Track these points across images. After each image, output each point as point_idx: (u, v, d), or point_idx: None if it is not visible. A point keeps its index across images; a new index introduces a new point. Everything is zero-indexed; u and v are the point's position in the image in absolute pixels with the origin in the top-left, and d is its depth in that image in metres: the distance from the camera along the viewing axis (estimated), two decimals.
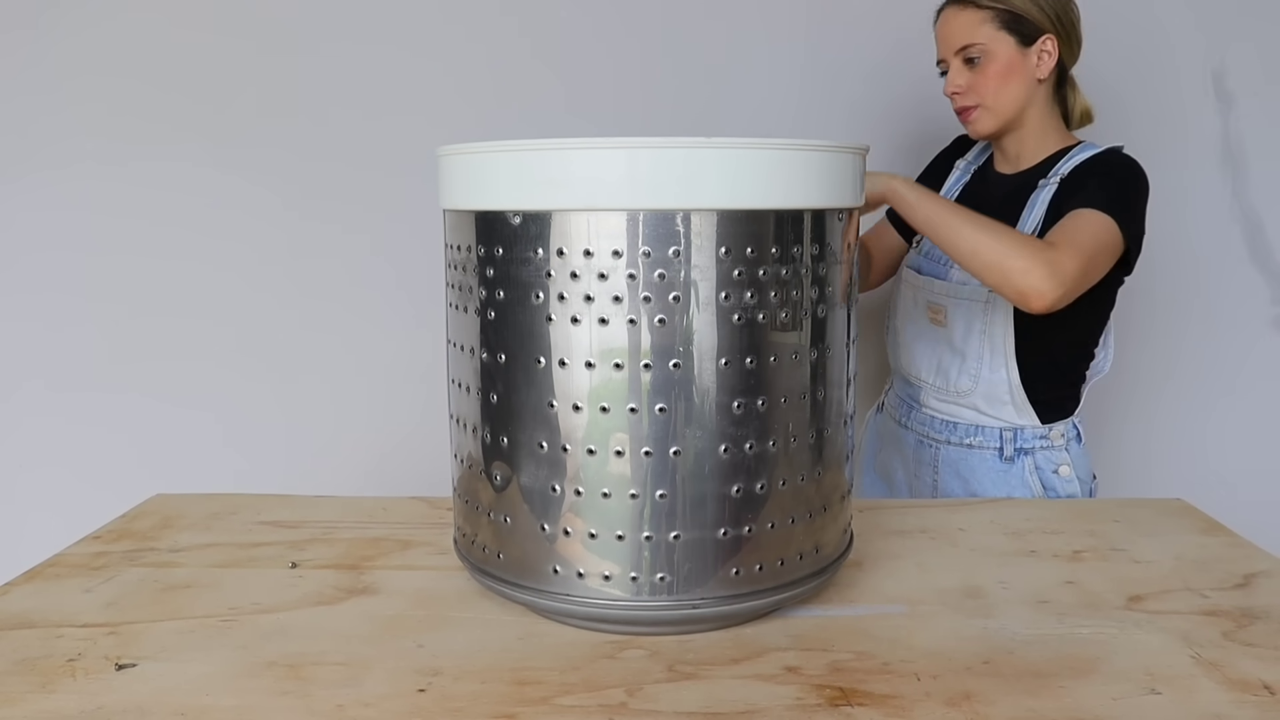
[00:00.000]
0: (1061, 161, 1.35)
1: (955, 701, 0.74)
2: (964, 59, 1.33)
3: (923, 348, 1.45)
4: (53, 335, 1.86)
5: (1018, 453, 1.38)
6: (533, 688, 0.76)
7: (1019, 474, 1.38)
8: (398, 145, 1.79)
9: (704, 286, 0.77)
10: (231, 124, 1.80)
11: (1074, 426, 1.41)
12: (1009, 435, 1.38)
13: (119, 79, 1.78)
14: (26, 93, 1.79)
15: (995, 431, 1.39)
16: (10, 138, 1.80)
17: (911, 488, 1.49)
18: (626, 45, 1.78)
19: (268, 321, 1.86)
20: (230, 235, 1.83)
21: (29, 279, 1.84)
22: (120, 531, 1.11)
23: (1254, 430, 1.87)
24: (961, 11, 1.32)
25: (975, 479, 1.40)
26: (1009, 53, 1.31)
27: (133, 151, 1.80)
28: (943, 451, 1.43)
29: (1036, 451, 1.38)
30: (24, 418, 1.88)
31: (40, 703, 0.74)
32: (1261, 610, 0.89)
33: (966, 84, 1.33)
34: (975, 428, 1.40)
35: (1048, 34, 1.31)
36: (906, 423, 1.49)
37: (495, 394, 0.83)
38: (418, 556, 1.03)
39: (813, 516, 0.86)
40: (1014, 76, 1.32)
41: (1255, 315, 1.84)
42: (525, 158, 0.78)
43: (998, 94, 1.32)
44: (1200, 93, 1.78)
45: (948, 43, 1.34)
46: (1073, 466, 1.39)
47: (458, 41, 1.78)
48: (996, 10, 1.30)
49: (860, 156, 0.87)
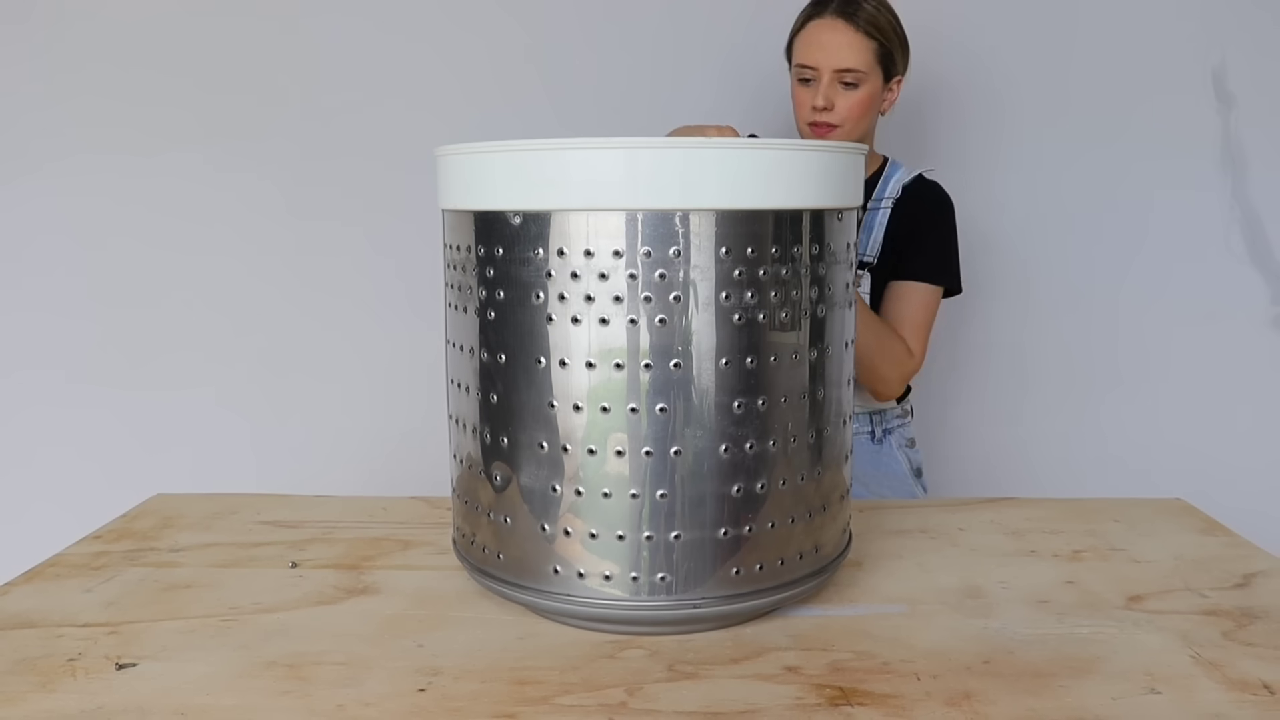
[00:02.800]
0: (881, 184, 1.45)
1: (955, 701, 0.74)
2: (841, 81, 1.35)
3: None
4: (53, 333, 1.86)
5: (885, 433, 1.51)
6: (533, 687, 0.76)
7: (889, 451, 1.51)
8: (401, 144, 1.79)
9: (704, 286, 0.78)
10: (232, 124, 1.80)
11: (909, 403, 1.56)
12: (876, 418, 1.50)
13: (118, 79, 1.78)
14: (25, 87, 1.78)
15: (865, 418, 1.50)
16: (11, 132, 1.80)
17: None
18: (627, 45, 1.78)
19: (269, 321, 1.86)
20: (230, 234, 1.83)
21: (30, 275, 1.84)
22: (120, 531, 1.11)
23: (1254, 430, 1.87)
24: (851, 31, 1.34)
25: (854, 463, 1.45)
26: (875, 85, 1.37)
27: (134, 150, 1.80)
28: None
29: (896, 430, 1.52)
30: (24, 415, 1.88)
31: (40, 702, 0.74)
32: (1261, 610, 0.89)
33: (836, 104, 1.36)
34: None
35: (900, 76, 1.41)
36: None
37: (495, 394, 0.83)
38: (418, 556, 1.03)
39: (812, 516, 0.86)
40: (873, 108, 1.39)
41: (1255, 315, 1.84)
42: (525, 158, 0.78)
43: (858, 122, 1.38)
44: (1200, 93, 1.78)
45: (828, 57, 1.35)
46: (914, 437, 1.55)
47: (461, 39, 1.78)
48: (879, 43, 1.35)
49: (859, 156, 0.87)
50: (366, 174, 1.81)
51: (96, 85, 1.79)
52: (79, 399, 1.87)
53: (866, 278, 1.44)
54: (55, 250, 1.84)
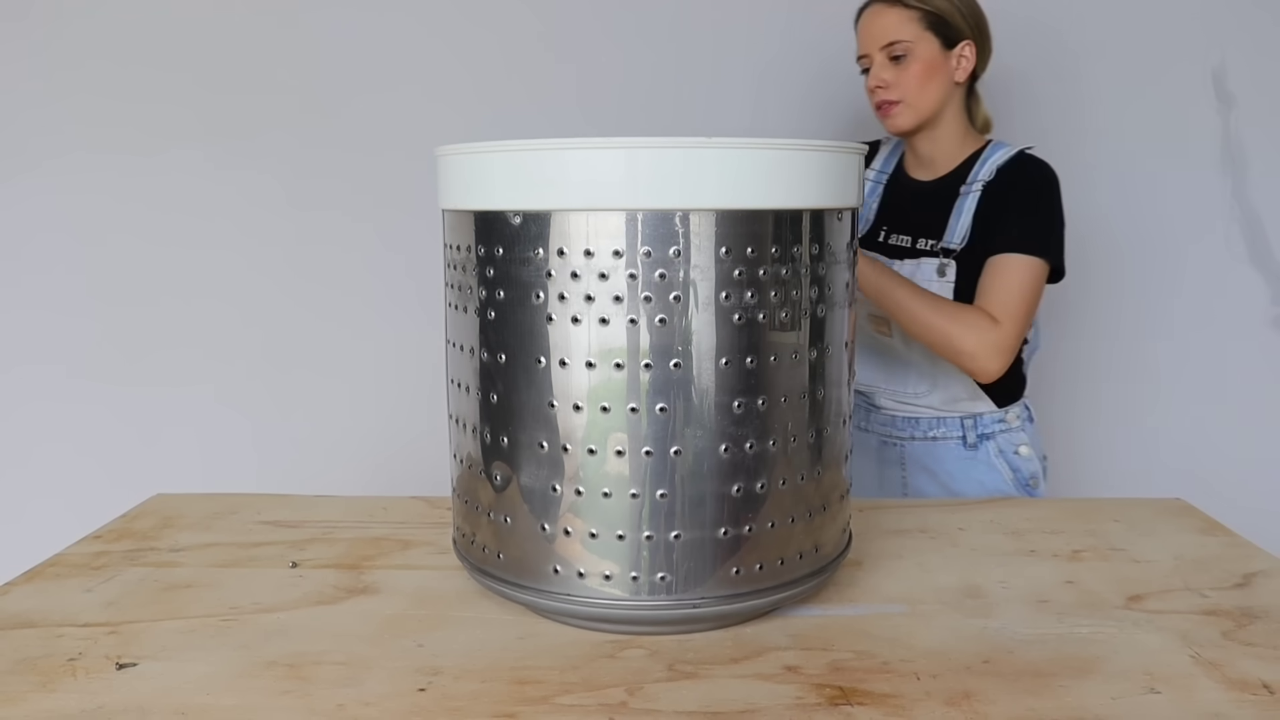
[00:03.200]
0: (977, 166, 1.39)
1: (955, 701, 0.74)
2: (889, 55, 1.35)
3: (871, 357, 1.48)
4: (53, 332, 1.86)
5: (980, 438, 1.42)
6: (533, 687, 0.76)
7: (985, 458, 1.42)
8: (407, 139, 1.79)
9: (704, 286, 0.78)
10: (232, 121, 1.80)
11: (1025, 408, 1.45)
12: (969, 423, 1.42)
13: (119, 77, 1.78)
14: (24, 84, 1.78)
15: (956, 421, 1.43)
16: (10, 129, 1.80)
17: (881, 487, 1.51)
18: (627, 45, 1.78)
19: (269, 319, 1.86)
20: (230, 231, 1.83)
21: (30, 273, 1.84)
22: (121, 531, 1.11)
23: (1254, 430, 1.87)
24: (889, 9, 1.35)
25: (943, 470, 1.43)
26: (932, 52, 1.34)
27: (134, 148, 1.80)
28: (908, 448, 1.46)
29: (998, 435, 1.43)
30: (23, 414, 1.88)
31: (41, 702, 0.74)
32: (1261, 610, 0.89)
33: (891, 79, 1.35)
34: (937, 420, 1.43)
35: (967, 40, 1.35)
36: (865, 426, 1.51)
37: (495, 394, 0.83)
38: (418, 556, 1.03)
39: (812, 516, 0.86)
40: (936, 76, 1.35)
41: (1255, 315, 1.84)
42: (525, 158, 0.79)
43: (920, 91, 1.35)
44: (1200, 93, 1.78)
45: (873, 39, 1.36)
46: (1030, 445, 1.44)
47: (464, 38, 1.78)
48: (923, 11, 1.33)
49: (860, 156, 0.87)
50: (369, 170, 1.81)
51: (95, 82, 1.79)
52: (78, 399, 1.87)
53: (952, 266, 1.37)
54: (54, 248, 1.84)
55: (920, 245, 1.40)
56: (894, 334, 1.42)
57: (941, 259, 1.37)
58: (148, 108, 1.79)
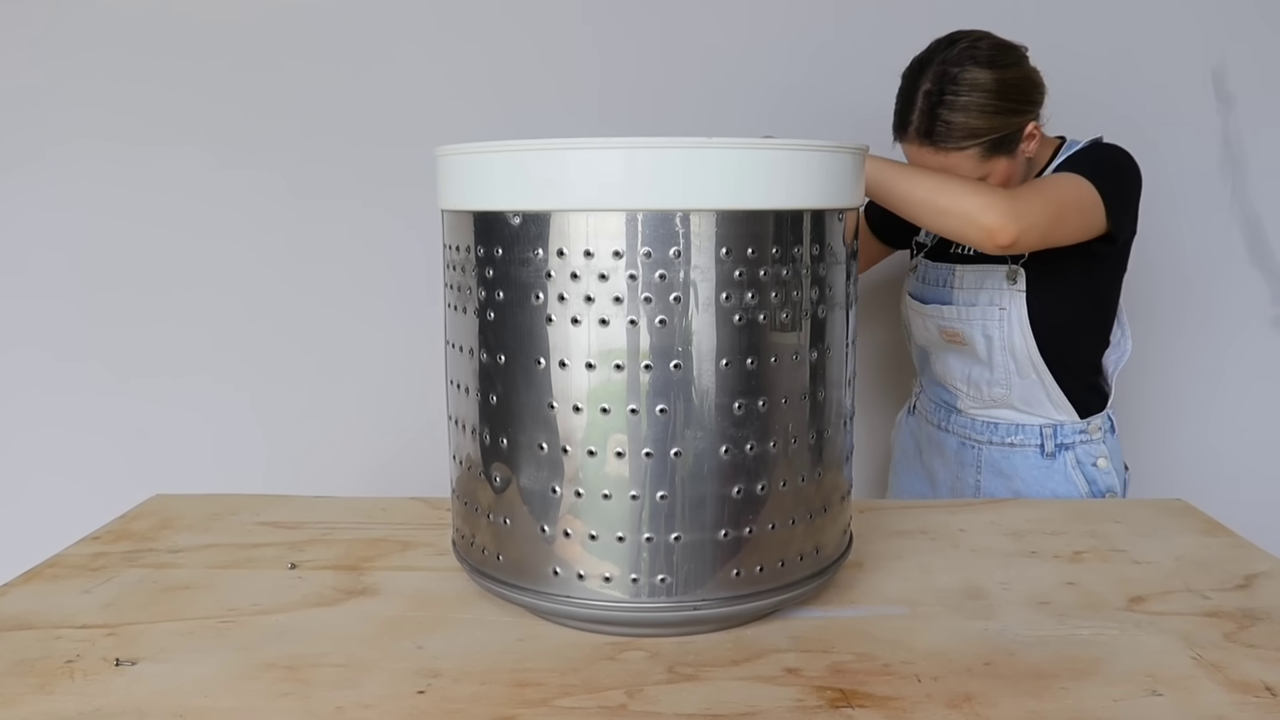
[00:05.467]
0: (1048, 167, 1.35)
1: (956, 703, 0.73)
2: None
3: (950, 361, 1.45)
4: (53, 331, 1.85)
5: (1059, 448, 1.39)
6: (532, 689, 0.76)
7: (1061, 469, 1.39)
8: (404, 144, 1.79)
9: (704, 287, 0.77)
10: (236, 121, 1.79)
11: (1108, 418, 1.42)
12: (1049, 432, 1.39)
13: (119, 77, 1.78)
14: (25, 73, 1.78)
15: (1035, 429, 1.40)
16: (11, 117, 1.79)
17: (954, 488, 1.49)
18: (627, 45, 1.78)
19: (269, 320, 1.86)
20: (233, 238, 1.83)
21: (30, 268, 1.84)
22: (119, 532, 1.10)
23: (1254, 430, 1.87)
24: (943, 155, 1.24)
25: (1018, 477, 1.41)
26: (1001, 166, 1.26)
27: (132, 156, 1.80)
28: (985, 452, 1.44)
29: (1077, 446, 1.39)
30: (23, 413, 1.88)
31: (39, 704, 0.74)
32: (1263, 611, 0.89)
33: None
34: (1015, 427, 1.41)
35: (1033, 123, 1.27)
36: (946, 426, 1.49)
37: (495, 395, 0.83)
38: (417, 557, 1.03)
39: (813, 517, 0.85)
40: (1014, 174, 1.29)
41: (1255, 315, 1.84)
42: (524, 158, 0.78)
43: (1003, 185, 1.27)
44: (1200, 93, 1.78)
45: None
46: (1110, 458, 1.40)
47: (463, 38, 1.77)
48: (979, 142, 1.22)
49: (860, 156, 0.87)
50: (374, 171, 1.80)
51: (97, 93, 1.78)
52: (78, 399, 1.87)
53: (1021, 274, 1.31)
54: (54, 246, 1.83)
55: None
56: (968, 343, 1.38)
57: (1010, 264, 1.32)
58: (150, 98, 1.78)
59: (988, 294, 1.35)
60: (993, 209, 1.14)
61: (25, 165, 1.80)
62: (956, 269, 1.38)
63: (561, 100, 1.79)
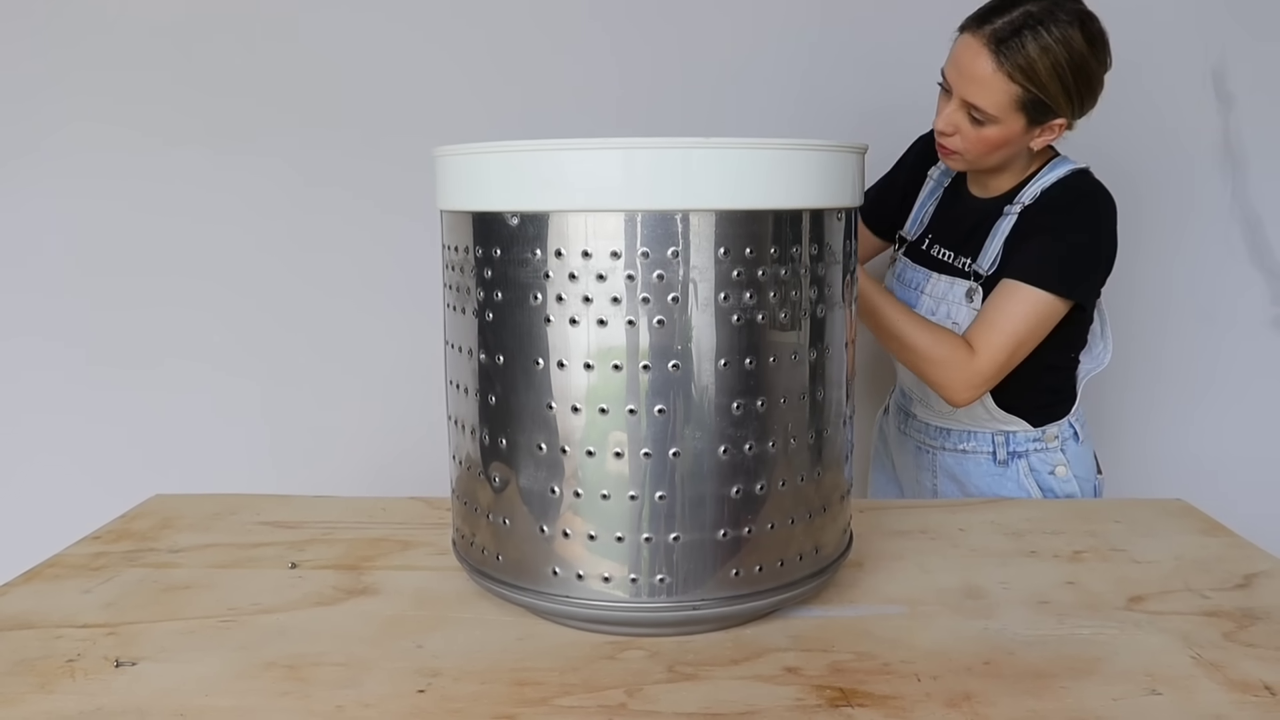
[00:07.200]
0: (1028, 184, 1.31)
1: (955, 702, 0.73)
2: (968, 111, 1.23)
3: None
4: (53, 330, 1.86)
5: (1011, 456, 1.38)
6: (532, 688, 0.76)
7: (1014, 476, 1.38)
8: (403, 145, 1.79)
9: (703, 287, 0.77)
10: (236, 120, 1.79)
11: (1070, 426, 1.39)
12: (1000, 440, 1.38)
13: (120, 66, 1.78)
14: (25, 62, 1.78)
15: (988, 437, 1.39)
16: (10, 110, 1.79)
17: (915, 491, 1.50)
18: (627, 45, 1.78)
19: (269, 319, 1.86)
20: (234, 238, 1.83)
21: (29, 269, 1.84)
22: (119, 532, 1.11)
23: (1254, 430, 1.86)
24: (993, 69, 1.19)
25: (971, 483, 1.41)
26: (1012, 129, 1.23)
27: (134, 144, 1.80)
28: (939, 457, 1.44)
29: (1030, 454, 1.38)
30: (23, 413, 1.88)
31: (39, 703, 0.74)
32: (1262, 611, 0.89)
33: (960, 127, 1.25)
34: (968, 433, 1.41)
35: (1064, 120, 1.24)
36: (905, 429, 1.50)
37: (494, 395, 0.83)
38: (417, 557, 1.03)
39: (812, 517, 0.85)
40: (1008, 147, 1.26)
41: (1255, 315, 1.83)
42: (523, 158, 0.78)
43: (983, 157, 1.27)
44: (1200, 93, 1.78)
45: (961, 83, 1.22)
46: (1070, 466, 1.38)
47: (463, 39, 1.78)
48: (1024, 90, 1.19)
49: (859, 156, 0.87)
50: (369, 172, 1.80)
51: (96, 88, 1.78)
52: (78, 398, 1.87)
53: (979, 293, 1.30)
54: (55, 236, 1.83)
55: (959, 263, 1.34)
56: None
57: (971, 282, 1.32)
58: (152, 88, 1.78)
59: (947, 306, 1.34)
60: (947, 387, 1.24)
61: (27, 155, 1.80)
62: (932, 276, 1.37)
63: (561, 100, 1.78)
